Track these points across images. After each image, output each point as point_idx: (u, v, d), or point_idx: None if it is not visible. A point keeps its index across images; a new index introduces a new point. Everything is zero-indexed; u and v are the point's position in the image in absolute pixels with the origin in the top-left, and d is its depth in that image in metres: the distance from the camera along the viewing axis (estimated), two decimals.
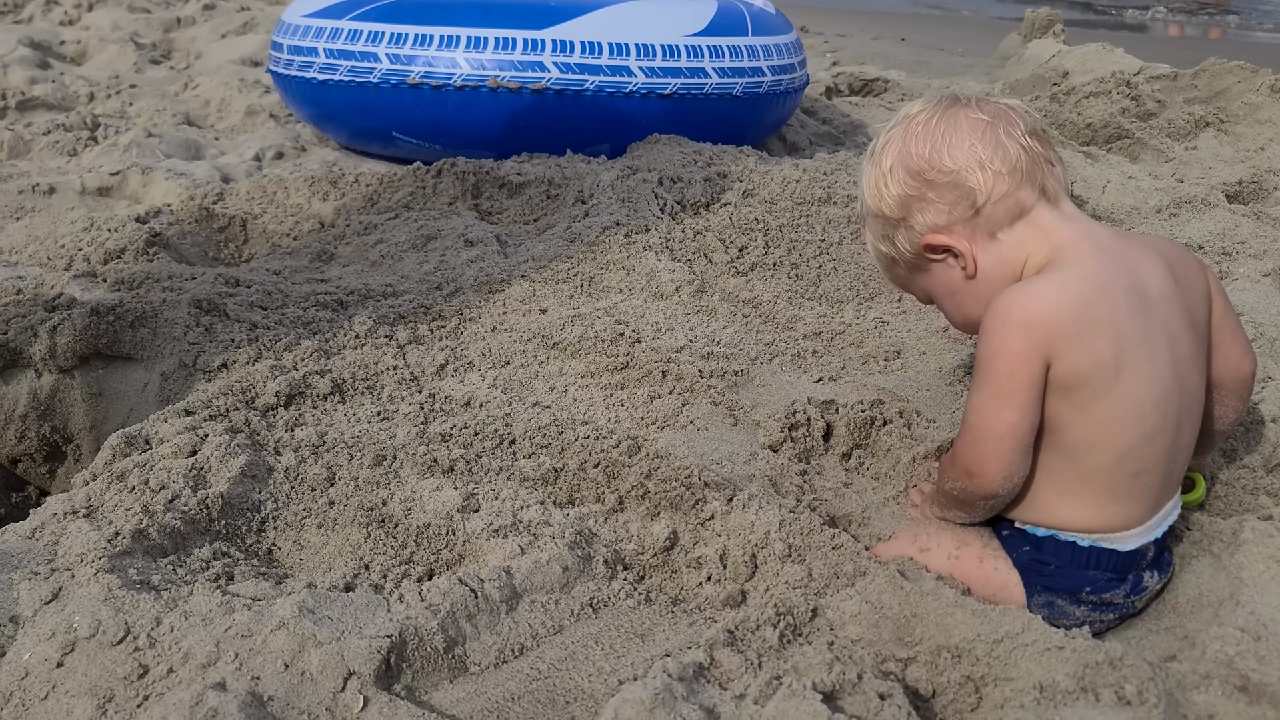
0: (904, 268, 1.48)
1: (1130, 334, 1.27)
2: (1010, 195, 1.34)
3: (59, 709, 1.11)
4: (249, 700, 1.09)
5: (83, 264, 2.43)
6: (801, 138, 4.19)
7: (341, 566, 1.38)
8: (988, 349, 1.30)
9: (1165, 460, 1.32)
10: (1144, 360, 1.27)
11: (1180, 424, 1.32)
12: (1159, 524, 1.36)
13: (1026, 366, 1.27)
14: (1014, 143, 1.34)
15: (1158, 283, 1.32)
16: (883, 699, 1.12)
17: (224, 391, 1.73)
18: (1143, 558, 1.36)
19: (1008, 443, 1.30)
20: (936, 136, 1.37)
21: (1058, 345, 1.26)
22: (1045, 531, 1.36)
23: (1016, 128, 1.35)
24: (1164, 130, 3.84)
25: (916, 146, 1.38)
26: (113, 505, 1.41)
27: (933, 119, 1.38)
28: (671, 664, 1.15)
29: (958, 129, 1.36)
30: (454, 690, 1.19)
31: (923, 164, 1.37)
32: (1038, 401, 1.29)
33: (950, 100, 1.41)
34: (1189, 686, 1.16)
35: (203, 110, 4.32)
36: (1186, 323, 1.33)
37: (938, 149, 1.36)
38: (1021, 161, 1.34)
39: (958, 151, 1.35)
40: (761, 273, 2.39)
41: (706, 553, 1.42)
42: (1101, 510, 1.33)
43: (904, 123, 1.41)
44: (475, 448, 1.65)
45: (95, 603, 1.20)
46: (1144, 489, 1.31)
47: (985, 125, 1.35)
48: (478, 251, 2.49)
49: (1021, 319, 1.27)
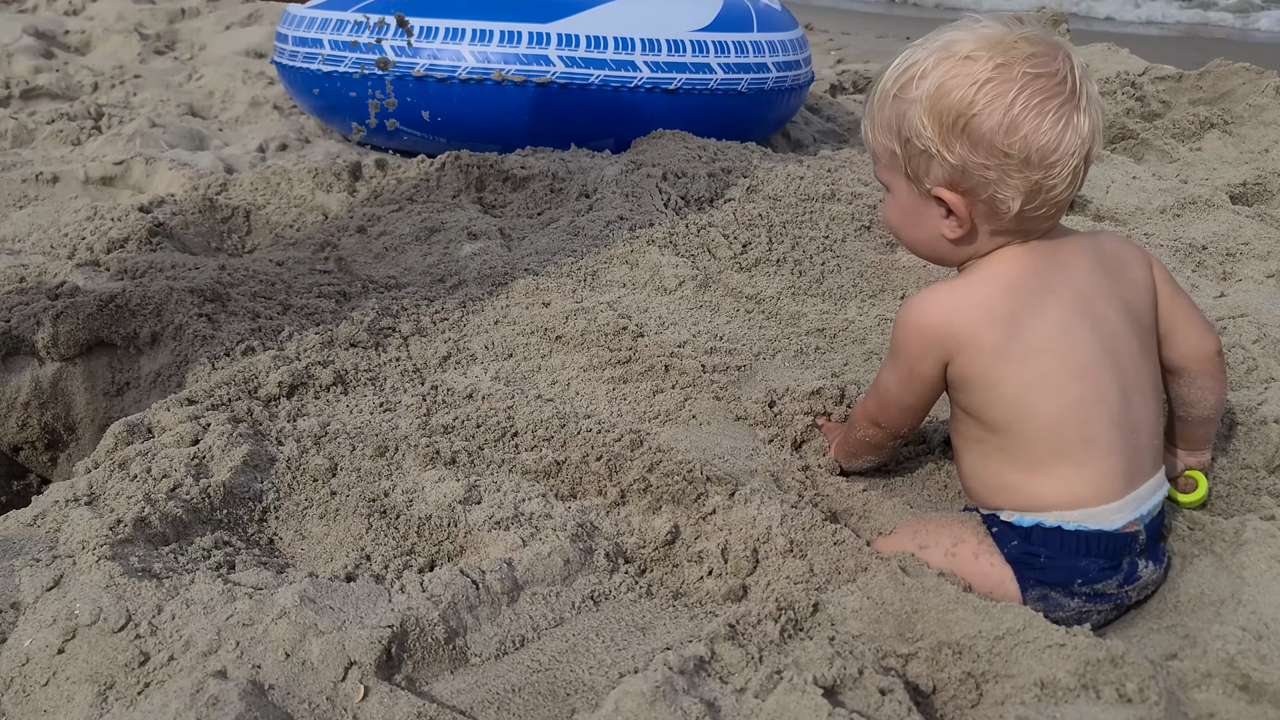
0: (895, 170, 1.39)
1: (1034, 324, 1.34)
2: (1053, 193, 1.31)
3: (59, 695, 1.11)
4: (250, 689, 1.09)
5: (86, 253, 2.43)
6: (806, 135, 4.18)
7: (343, 557, 1.38)
8: (895, 339, 1.44)
9: (1114, 428, 1.34)
10: (1055, 343, 1.34)
11: (1126, 394, 1.36)
12: (1140, 501, 1.37)
13: (921, 365, 1.41)
14: (1067, 169, 1.29)
15: (1079, 276, 1.37)
16: (883, 694, 1.12)
17: (226, 381, 1.73)
18: (1133, 541, 1.36)
19: (907, 413, 1.50)
20: (1031, 117, 1.26)
21: (950, 347, 1.37)
22: (1030, 520, 1.37)
23: (1080, 132, 1.28)
24: (1168, 131, 3.83)
25: (997, 118, 1.26)
26: (115, 493, 1.41)
27: (1040, 94, 1.27)
28: (672, 657, 1.15)
29: (1039, 116, 1.26)
30: (455, 681, 1.19)
31: (1000, 140, 1.27)
32: (935, 388, 1.44)
33: (1058, 78, 1.27)
34: (1190, 685, 1.16)
35: (206, 101, 4.32)
36: (1118, 309, 1.38)
37: (1038, 127, 1.26)
38: (1063, 190, 1.30)
39: (1046, 138, 1.27)
40: (765, 269, 2.39)
41: (708, 547, 1.42)
42: (1065, 481, 1.35)
43: (1003, 69, 1.27)
44: (477, 440, 1.65)
45: (97, 590, 1.20)
46: (1100, 455, 1.34)
47: (1062, 122, 1.27)
48: (481, 244, 2.49)
49: (917, 323, 1.39)
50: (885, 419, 1.52)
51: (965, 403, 1.41)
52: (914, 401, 1.47)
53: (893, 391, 1.48)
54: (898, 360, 1.44)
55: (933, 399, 1.48)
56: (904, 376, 1.44)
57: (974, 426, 1.42)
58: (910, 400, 1.47)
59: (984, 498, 1.44)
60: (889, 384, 1.48)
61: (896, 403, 1.49)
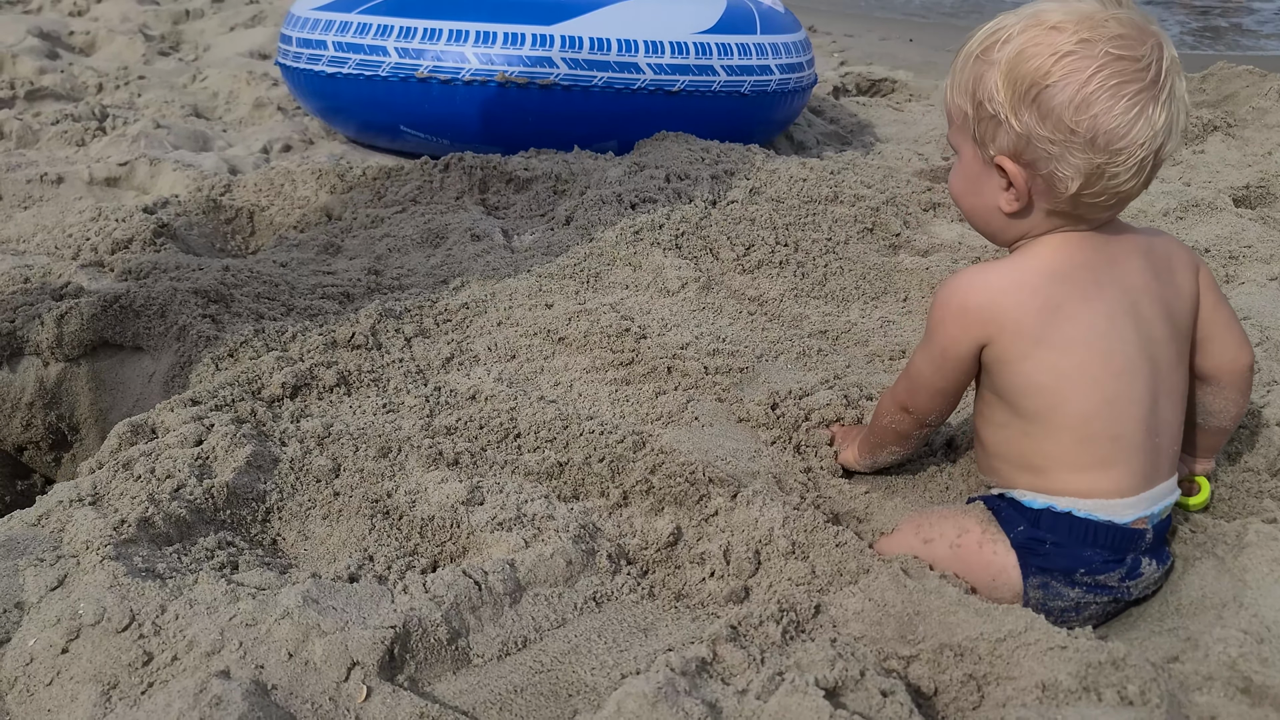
0: (965, 134, 1.38)
1: (1079, 316, 1.33)
2: (1114, 182, 1.29)
3: (63, 695, 1.12)
4: (253, 689, 1.09)
5: (90, 253, 2.43)
6: (809, 137, 4.18)
7: (346, 557, 1.38)
8: (932, 320, 1.43)
9: (1142, 429, 1.34)
10: (1097, 338, 1.33)
11: (1156, 398, 1.36)
12: (1152, 501, 1.37)
13: (957, 346, 1.39)
14: (1133, 159, 1.25)
15: (1129, 274, 1.36)
16: (885, 696, 1.13)
17: (230, 382, 1.73)
18: (1140, 539, 1.36)
19: (938, 398, 1.48)
20: (1105, 98, 1.23)
21: (991, 329, 1.35)
22: (1042, 503, 1.37)
23: (1154, 127, 1.24)
24: None
25: (1069, 93, 1.24)
26: (119, 493, 1.41)
27: (1118, 76, 1.24)
28: (674, 658, 1.15)
29: (1128, 115, 1.24)
30: (457, 682, 1.19)
31: (1069, 115, 1.25)
32: (968, 373, 1.43)
33: (1142, 64, 1.24)
34: (1191, 688, 1.16)
35: (211, 102, 4.33)
36: (1161, 313, 1.37)
37: (1100, 118, 1.24)
38: (1126, 180, 1.28)
39: (1121, 124, 1.24)
40: (768, 270, 2.39)
41: (710, 548, 1.42)
42: (1087, 474, 1.35)
43: (1087, 44, 1.24)
44: (480, 441, 1.66)
45: (100, 590, 1.20)
46: (1125, 454, 1.34)
47: (1142, 142, 1.24)
48: (484, 246, 2.50)
49: (959, 304, 1.38)
50: (914, 403, 1.50)
51: (998, 387, 1.40)
52: (945, 384, 1.45)
53: (925, 374, 1.46)
54: (932, 341, 1.42)
55: (964, 383, 1.46)
56: (937, 358, 1.42)
57: (1002, 410, 1.41)
58: (941, 383, 1.45)
59: (1004, 474, 1.45)
60: (921, 366, 1.46)
61: (928, 386, 1.47)
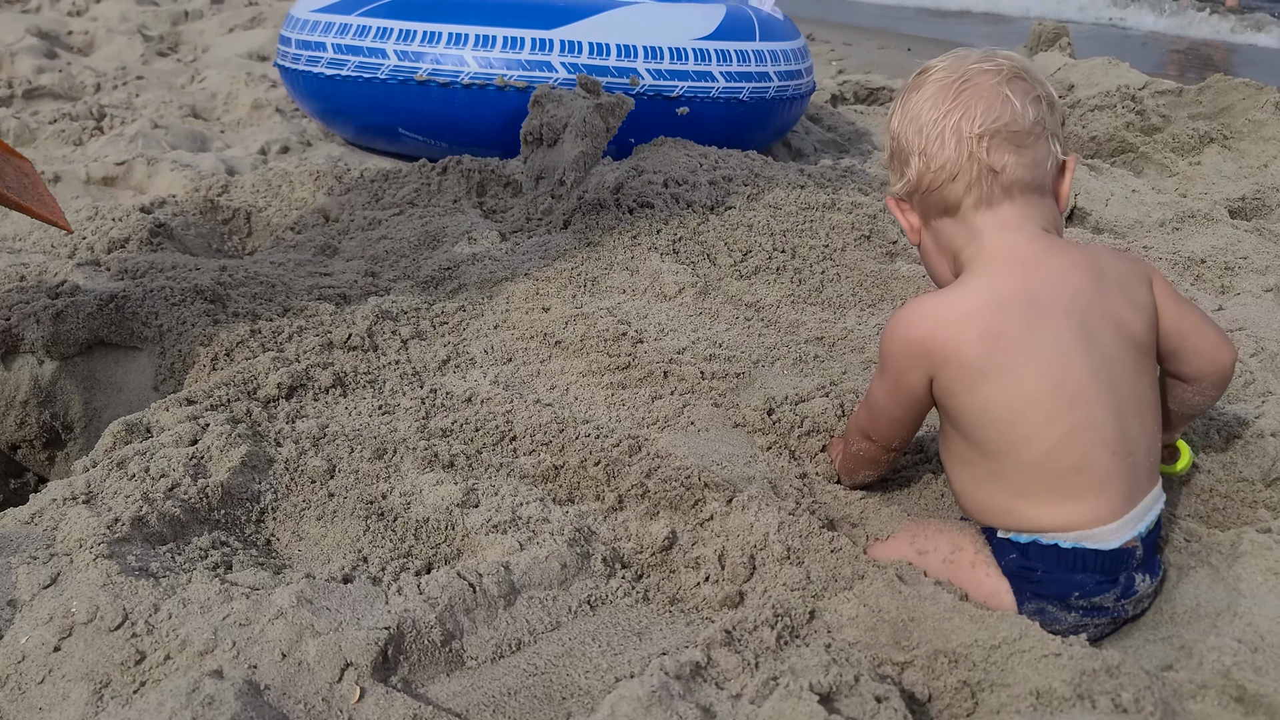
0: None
1: (1024, 346, 1.33)
2: (939, 191, 1.39)
3: (55, 693, 1.11)
4: (246, 689, 1.09)
5: (86, 252, 2.43)
6: (806, 144, 4.19)
7: (340, 558, 1.38)
8: (881, 352, 1.45)
9: (1111, 455, 1.32)
10: (1046, 367, 1.32)
11: (1123, 418, 1.33)
12: (1138, 520, 1.35)
13: (907, 379, 1.41)
14: (955, 139, 1.35)
15: (1072, 294, 1.35)
16: (879, 701, 1.12)
17: (225, 382, 1.73)
18: (1131, 557, 1.35)
19: (897, 426, 1.49)
20: (908, 107, 1.41)
21: (935, 361, 1.36)
22: (1027, 538, 1.36)
23: (973, 120, 1.35)
24: (1168, 145, 3.84)
25: (899, 109, 1.43)
26: (112, 492, 1.41)
27: (920, 85, 1.41)
28: (669, 662, 1.15)
29: (922, 108, 1.39)
30: (450, 684, 1.19)
31: (894, 129, 1.43)
32: (923, 402, 1.43)
33: (950, 68, 1.40)
34: (1185, 696, 1.16)
35: (209, 103, 4.32)
36: (1111, 328, 1.35)
37: (904, 121, 1.41)
38: (953, 162, 1.36)
39: (910, 132, 1.40)
40: (765, 276, 2.39)
41: (705, 553, 1.42)
42: (1061, 508, 1.33)
43: (916, 77, 1.44)
44: (476, 443, 1.65)
45: (93, 588, 1.20)
46: (1096, 484, 1.32)
47: (942, 114, 1.36)
48: (482, 249, 2.50)
49: (902, 336, 1.39)
50: (876, 432, 1.51)
51: (953, 419, 1.40)
52: (902, 415, 1.47)
53: (881, 404, 1.47)
54: (885, 372, 1.44)
55: (922, 413, 1.47)
56: (890, 389, 1.44)
57: (964, 446, 1.40)
58: (899, 413, 1.47)
59: (978, 516, 1.43)
60: (878, 396, 1.47)
61: (886, 415, 1.48)
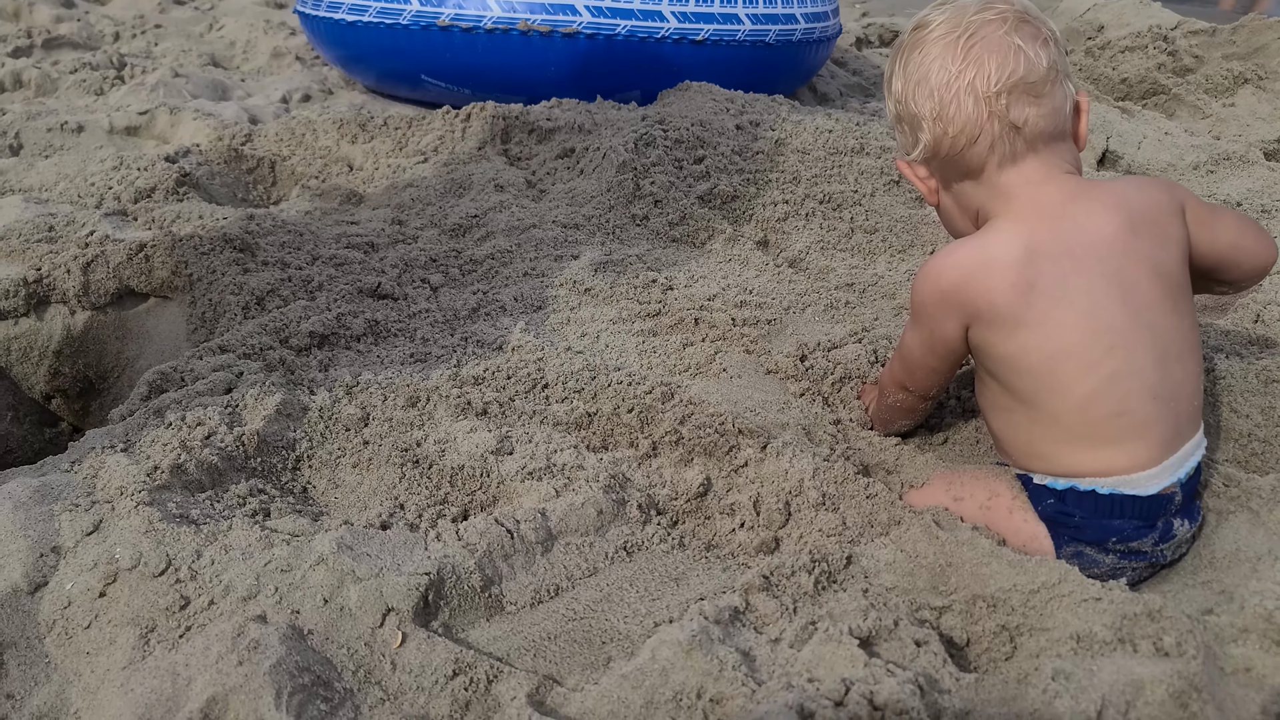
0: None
1: (1057, 296, 1.30)
2: (959, 155, 1.36)
3: (102, 638, 1.13)
4: (290, 633, 1.10)
5: (113, 202, 2.43)
6: (832, 88, 4.13)
7: (377, 505, 1.39)
8: (913, 303, 1.42)
9: (1150, 401, 1.30)
10: (1080, 316, 1.30)
11: (1164, 363, 1.31)
12: (1178, 466, 1.34)
13: (942, 327, 1.39)
14: (973, 99, 1.32)
15: (1105, 240, 1.32)
16: (918, 646, 1.13)
17: (258, 330, 1.73)
18: (1169, 502, 1.34)
19: (933, 375, 1.48)
20: (910, 68, 1.36)
21: (969, 312, 1.35)
22: (1064, 483, 1.36)
23: (988, 77, 1.31)
24: (1201, 86, 3.77)
25: (899, 70, 1.39)
26: (150, 440, 1.42)
27: (921, 44, 1.36)
28: (707, 607, 1.16)
29: (930, 69, 1.34)
30: (490, 628, 1.20)
31: (898, 92, 1.39)
32: (958, 351, 1.42)
33: (951, 22, 1.35)
34: (1227, 640, 1.15)
35: (228, 51, 4.30)
36: (1148, 272, 1.32)
37: (909, 84, 1.37)
38: (973, 123, 1.33)
39: (920, 95, 1.35)
40: (794, 223, 2.37)
41: (740, 499, 1.42)
42: (1100, 454, 1.32)
43: (913, 33, 1.39)
44: (508, 391, 1.65)
45: (136, 535, 1.21)
46: (1136, 429, 1.31)
47: (954, 74, 1.32)
48: (509, 196, 2.48)
49: (936, 286, 1.37)
50: (912, 382, 1.51)
51: (990, 369, 1.39)
52: (938, 364, 1.46)
53: (916, 355, 1.46)
54: (918, 323, 1.43)
55: (958, 360, 1.46)
56: (925, 339, 1.43)
57: (1001, 394, 1.39)
58: (934, 363, 1.46)
59: (1015, 462, 1.43)
60: (912, 347, 1.46)
61: (922, 365, 1.47)
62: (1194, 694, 1.04)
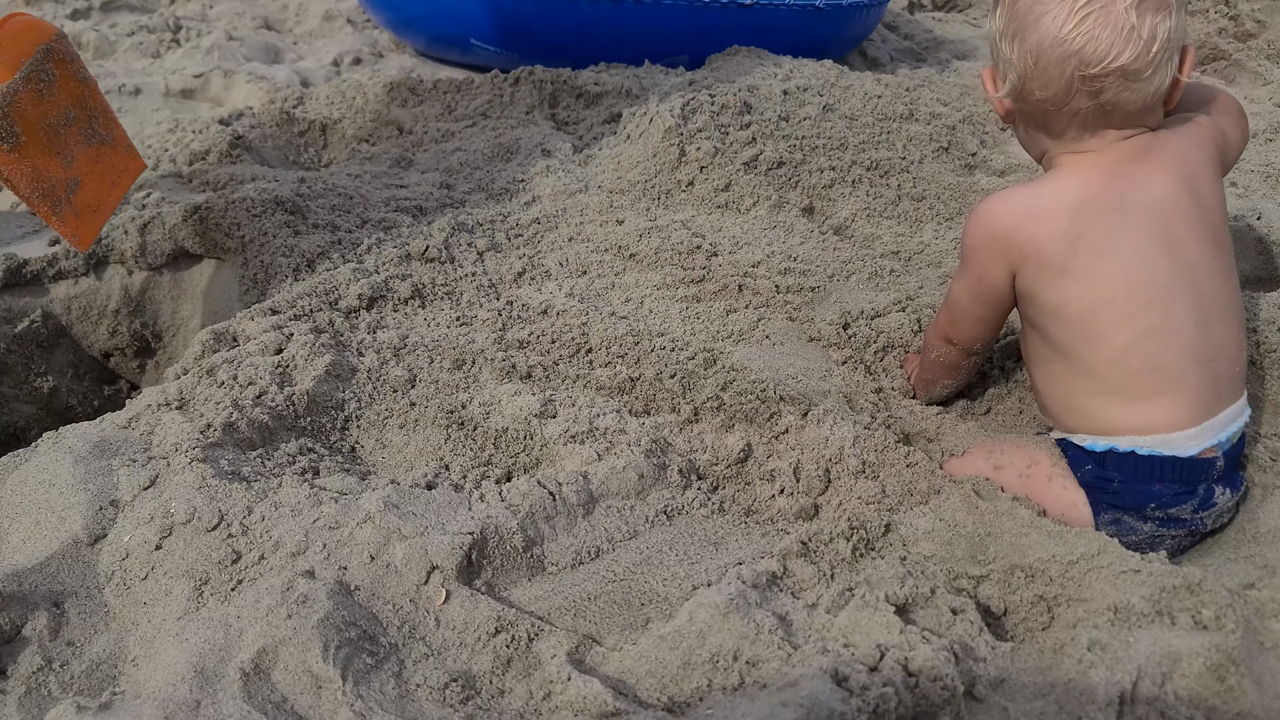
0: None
1: (1103, 248, 1.32)
2: (1040, 113, 1.36)
3: (158, 589, 1.17)
4: (337, 588, 1.13)
5: (169, 164, 2.47)
6: (883, 53, 4.08)
7: (423, 466, 1.41)
8: (964, 247, 1.44)
9: (1187, 359, 1.31)
10: (1124, 269, 1.31)
11: (1205, 323, 1.32)
12: (1219, 429, 1.34)
13: (989, 274, 1.41)
14: (1068, 76, 1.29)
15: (1159, 198, 1.32)
16: (955, 614, 1.14)
17: (308, 292, 1.76)
18: (1210, 467, 1.34)
19: (979, 326, 1.49)
20: (1018, 12, 1.32)
21: (1015, 257, 1.37)
22: (1103, 445, 1.36)
23: (1092, 58, 1.26)
24: (1263, 52, 3.68)
25: (1005, 9, 1.34)
26: (204, 399, 1.45)
27: None
28: (745, 571, 1.17)
29: (1040, 22, 1.29)
30: (532, 588, 1.22)
31: (1000, 28, 1.35)
32: (1005, 300, 1.43)
33: None
34: (1268, 614, 1.15)
35: (281, 14, 4.32)
36: (1198, 233, 1.33)
37: (1009, 34, 1.33)
38: (1061, 96, 1.32)
39: (1020, 45, 1.32)
40: (840, 189, 2.36)
41: (780, 466, 1.43)
42: (1134, 408, 1.33)
43: None
44: (552, 355, 1.67)
45: (190, 490, 1.24)
46: (1170, 385, 1.32)
47: (1059, 41, 1.27)
48: (555, 161, 2.49)
49: (987, 230, 1.39)
50: (957, 334, 1.51)
51: (1032, 317, 1.41)
52: (985, 313, 1.47)
53: (963, 303, 1.47)
54: (967, 268, 1.44)
55: (1004, 312, 1.46)
56: (973, 285, 1.44)
57: (1041, 345, 1.41)
58: (981, 311, 1.46)
59: (1056, 417, 1.44)
60: (960, 295, 1.47)
61: (969, 315, 1.48)
62: (1232, 667, 1.04)
